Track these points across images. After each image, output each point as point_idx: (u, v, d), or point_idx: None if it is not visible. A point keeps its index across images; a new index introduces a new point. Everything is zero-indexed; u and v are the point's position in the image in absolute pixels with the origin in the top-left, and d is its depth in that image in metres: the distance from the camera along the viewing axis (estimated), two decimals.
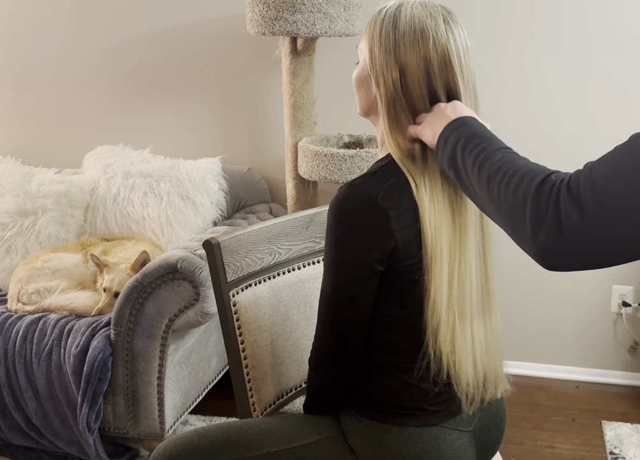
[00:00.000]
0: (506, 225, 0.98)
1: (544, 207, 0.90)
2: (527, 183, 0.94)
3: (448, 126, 1.12)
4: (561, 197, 0.89)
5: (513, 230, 0.96)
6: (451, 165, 1.10)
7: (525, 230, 0.92)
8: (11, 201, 2.60)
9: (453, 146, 1.09)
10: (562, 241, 0.89)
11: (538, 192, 0.92)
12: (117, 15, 2.88)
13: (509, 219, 0.96)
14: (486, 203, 1.02)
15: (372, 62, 1.21)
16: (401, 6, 1.21)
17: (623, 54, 2.53)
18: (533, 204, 0.91)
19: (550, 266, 0.92)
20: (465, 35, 1.22)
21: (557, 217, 0.88)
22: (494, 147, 1.04)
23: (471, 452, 1.30)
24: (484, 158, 1.03)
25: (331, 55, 2.69)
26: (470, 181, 1.05)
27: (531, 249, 0.93)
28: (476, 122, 1.13)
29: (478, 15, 2.58)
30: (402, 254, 1.18)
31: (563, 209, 0.88)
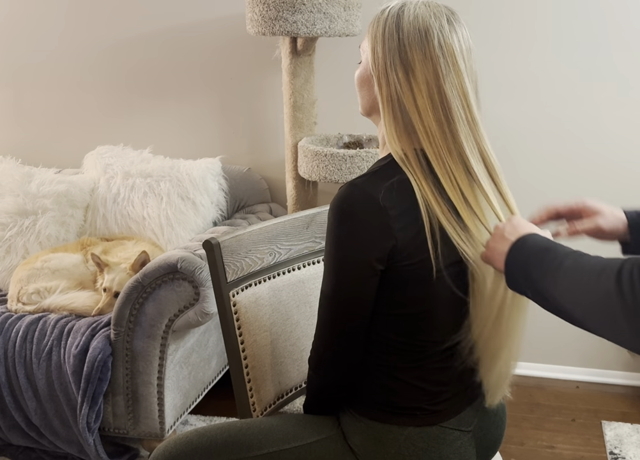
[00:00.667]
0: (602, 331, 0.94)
1: (630, 297, 0.87)
2: (606, 279, 0.91)
3: (512, 249, 1.10)
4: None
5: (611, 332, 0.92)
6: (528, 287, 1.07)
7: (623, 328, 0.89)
8: (11, 201, 2.60)
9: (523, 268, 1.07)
10: None
11: (618, 284, 0.89)
12: (116, 15, 2.88)
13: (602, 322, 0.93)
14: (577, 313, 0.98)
15: (375, 62, 1.21)
16: (404, 6, 1.21)
17: (629, 54, 2.53)
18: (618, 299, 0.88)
19: None
20: (469, 35, 1.22)
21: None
22: (562, 255, 1.02)
23: (471, 452, 1.30)
24: (555, 270, 1.00)
25: (331, 55, 2.69)
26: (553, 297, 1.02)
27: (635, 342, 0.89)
28: (536, 236, 1.10)
29: (483, 15, 2.58)
30: (402, 253, 1.18)
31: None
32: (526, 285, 1.08)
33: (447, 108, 1.18)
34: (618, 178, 2.62)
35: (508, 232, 1.14)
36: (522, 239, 1.11)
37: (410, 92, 1.19)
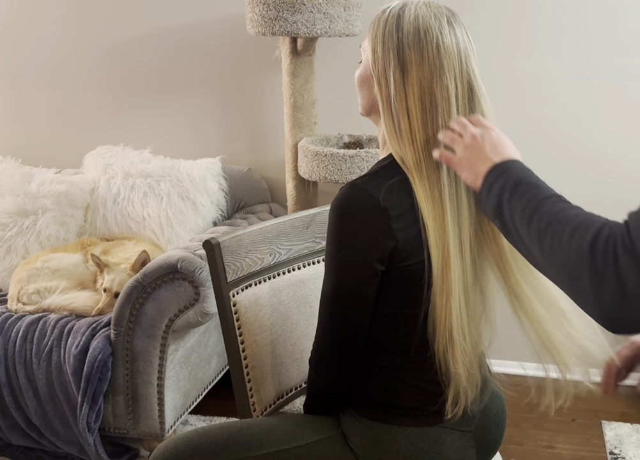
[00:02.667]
0: (562, 283, 0.92)
1: (602, 265, 0.84)
2: (580, 238, 0.87)
3: (491, 173, 1.07)
4: (619, 254, 0.83)
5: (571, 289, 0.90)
6: (497, 216, 1.05)
7: (584, 289, 0.87)
8: (11, 201, 2.60)
9: (498, 196, 1.04)
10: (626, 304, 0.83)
11: (592, 248, 0.86)
12: (117, 15, 2.88)
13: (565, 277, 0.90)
14: (538, 259, 0.96)
15: (375, 62, 1.21)
16: (405, 6, 1.20)
17: (628, 54, 2.53)
18: (590, 262, 0.85)
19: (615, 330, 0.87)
20: (469, 36, 1.22)
21: (618, 276, 0.82)
22: (542, 196, 0.98)
23: (471, 452, 1.30)
24: (532, 210, 0.97)
25: (331, 55, 2.69)
26: (519, 234, 0.99)
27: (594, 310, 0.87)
28: (520, 166, 1.07)
29: (483, 15, 2.58)
30: (402, 254, 1.18)
31: (622, 267, 0.82)
32: (498, 215, 1.05)
33: (434, 111, 1.17)
34: (618, 177, 2.62)
35: (489, 150, 1.11)
36: (504, 165, 1.07)
37: (404, 93, 1.18)
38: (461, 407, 1.25)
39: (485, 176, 1.08)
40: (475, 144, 1.12)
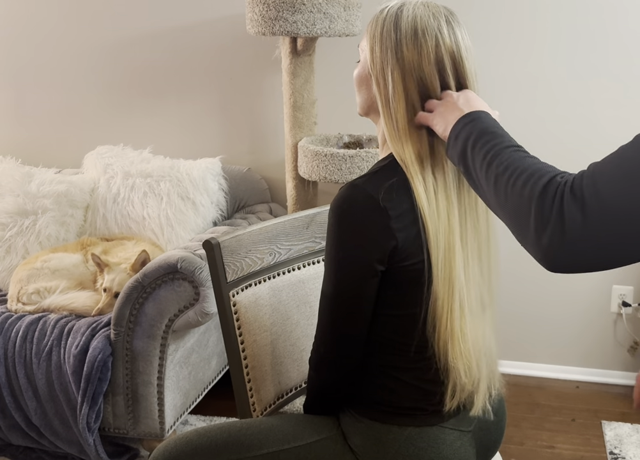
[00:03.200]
0: (511, 225, 0.98)
1: (548, 209, 0.89)
2: (533, 184, 0.93)
3: (460, 121, 1.11)
4: (565, 199, 0.88)
5: (518, 231, 0.96)
6: (461, 161, 1.09)
7: (530, 231, 0.92)
8: (11, 201, 2.60)
9: (463, 142, 1.08)
10: (565, 243, 0.88)
11: (542, 193, 0.91)
12: (117, 15, 2.88)
13: (514, 219, 0.96)
14: (493, 202, 1.02)
15: (373, 62, 1.21)
16: (403, 6, 1.20)
17: (627, 54, 2.53)
18: (538, 206, 0.91)
19: (553, 268, 0.92)
20: (467, 36, 1.22)
21: (561, 219, 0.88)
22: (504, 145, 1.03)
23: (471, 452, 1.30)
24: (493, 156, 1.02)
25: (331, 55, 2.69)
26: (478, 178, 1.04)
27: (534, 251, 0.92)
28: (488, 117, 1.11)
29: (480, 15, 2.58)
30: (402, 254, 1.18)
31: (566, 211, 0.87)
32: (461, 160, 1.09)
33: None
34: None
35: (461, 103, 1.15)
36: (474, 114, 1.11)
37: (402, 92, 1.18)
38: (456, 400, 1.24)
39: (454, 124, 1.12)
40: (450, 100, 1.17)
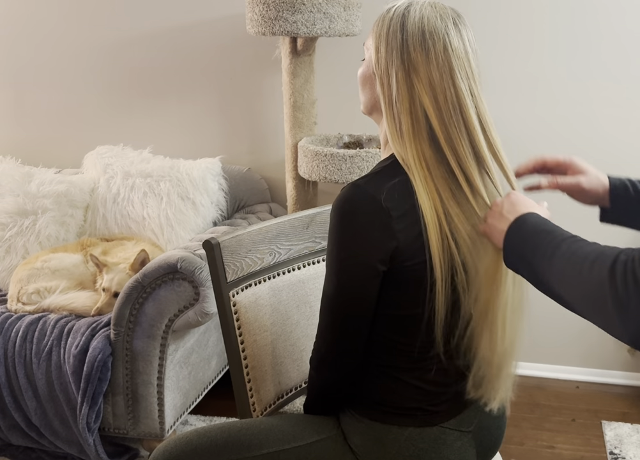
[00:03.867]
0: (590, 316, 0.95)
1: (622, 288, 0.87)
2: (600, 268, 0.91)
3: (510, 229, 1.11)
4: (637, 271, 0.86)
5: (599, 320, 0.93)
6: (521, 267, 1.09)
7: (612, 316, 0.89)
8: (11, 201, 2.60)
9: (520, 248, 1.08)
10: None
11: (612, 275, 0.89)
12: (117, 15, 2.88)
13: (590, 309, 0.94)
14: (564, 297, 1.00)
15: (378, 62, 1.21)
16: (410, 6, 1.20)
17: (626, 54, 2.53)
18: (611, 289, 0.89)
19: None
20: (474, 39, 1.22)
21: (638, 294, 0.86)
22: (559, 239, 1.03)
23: (471, 452, 1.30)
24: (552, 252, 1.01)
25: (331, 55, 2.69)
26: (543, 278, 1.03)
27: (625, 336, 0.90)
28: (536, 217, 1.11)
29: (482, 15, 2.58)
30: (404, 254, 1.18)
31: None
32: (522, 265, 1.09)
33: (458, 110, 1.17)
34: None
35: (506, 210, 1.14)
36: (521, 219, 1.11)
37: (406, 94, 1.18)
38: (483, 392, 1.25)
39: (505, 233, 1.12)
40: (496, 209, 1.17)
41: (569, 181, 1.26)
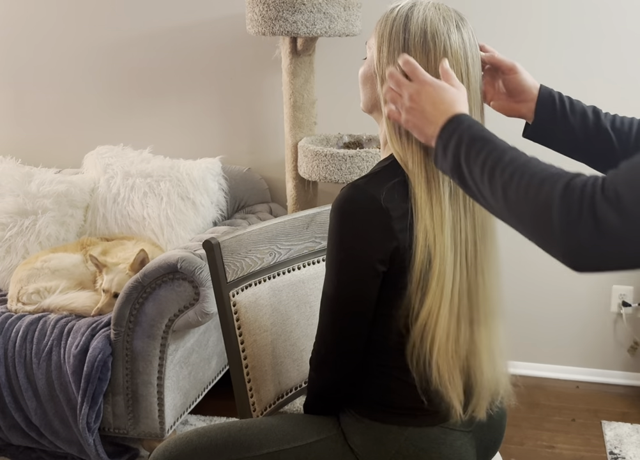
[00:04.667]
0: (527, 231, 0.95)
1: (576, 210, 0.87)
2: (550, 188, 0.91)
3: (441, 135, 1.08)
4: (597, 199, 0.86)
5: (538, 235, 0.93)
6: (455, 173, 1.06)
7: (554, 234, 0.90)
8: (11, 201, 2.60)
9: (454, 156, 1.05)
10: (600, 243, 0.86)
11: (565, 196, 0.89)
12: (117, 15, 2.88)
13: (532, 225, 0.94)
14: (502, 211, 0.99)
15: (379, 61, 1.21)
16: (414, 6, 1.19)
17: (623, 53, 2.53)
18: (562, 208, 0.89)
19: (583, 268, 0.90)
20: (476, 42, 1.21)
21: (594, 220, 0.86)
22: (500, 150, 1.00)
23: (471, 452, 1.30)
24: (493, 164, 0.99)
25: (331, 55, 2.69)
26: (480, 190, 1.01)
27: (561, 253, 0.90)
28: (467, 120, 1.08)
29: (479, 16, 2.58)
30: (404, 254, 1.18)
31: (600, 212, 0.86)
32: (454, 173, 1.06)
33: None
34: None
35: (430, 113, 1.10)
36: (452, 125, 1.07)
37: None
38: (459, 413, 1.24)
39: (436, 139, 1.09)
40: (415, 107, 1.12)
41: (506, 60, 1.23)
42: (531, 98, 1.24)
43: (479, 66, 1.22)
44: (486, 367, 1.25)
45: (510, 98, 1.26)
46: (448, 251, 1.17)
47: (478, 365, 1.24)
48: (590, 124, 1.21)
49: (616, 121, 1.22)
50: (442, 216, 1.17)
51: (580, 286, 2.73)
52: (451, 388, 1.21)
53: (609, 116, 1.23)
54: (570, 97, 1.24)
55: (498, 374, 1.27)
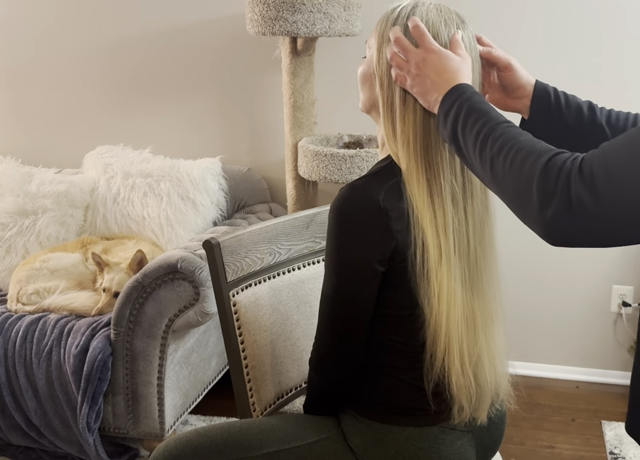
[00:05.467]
0: (511, 203, 0.99)
1: (552, 185, 0.91)
2: (532, 162, 0.94)
3: (442, 104, 1.10)
4: (572, 177, 0.90)
5: (519, 208, 0.97)
6: (452, 142, 1.09)
7: (532, 207, 0.93)
8: (11, 201, 2.60)
9: (452, 125, 1.08)
10: (571, 218, 0.90)
11: (545, 171, 0.92)
12: (116, 15, 2.88)
13: (514, 197, 0.97)
14: (489, 182, 1.03)
15: (379, 62, 1.20)
16: (415, 8, 1.19)
17: (625, 54, 2.53)
18: (541, 182, 0.92)
19: (554, 241, 0.94)
20: (477, 45, 1.21)
21: (568, 196, 0.89)
22: (493, 122, 1.03)
23: (471, 452, 1.30)
24: (485, 136, 1.02)
25: (331, 55, 2.69)
26: (472, 159, 1.05)
27: (536, 224, 0.94)
28: (466, 91, 1.10)
29: (481, 17, 2.58)
30: (402, 255, 1.18)
31: (573, 189, 0.89)
32: (452, 141, 1.09)
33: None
34: None
35: (434, 80, 1.12)
36: (452, 95, 1.09)
37: (406, 97, 1.17)
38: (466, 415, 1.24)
39: (441, 102, 1.11)
40: (420, 73, 1.14)
41: (503, 56, 1.24)
42: (526, 94, 1.25)
43: (479, 68, 1.22)
44: (487, 369, 1.25)
45: (505, 94, 1.27)
46: (451, 254, 1.17)
47: (480, 368, 1.24)
48: (585, 119, 1.22)
49: (612, 116, 1.23)
50: (445, 218, 1.17)
51: (580, 286, 2.73)
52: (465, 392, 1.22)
53: (605, 111, 1.24)
54: (566, 92, 1.26)
55: (498, 376, 1.28)
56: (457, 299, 1.19)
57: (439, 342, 1.19)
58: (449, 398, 1.23)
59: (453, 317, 1.18)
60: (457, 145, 1.08)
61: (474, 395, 1.23)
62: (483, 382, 1.24)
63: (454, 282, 1.18)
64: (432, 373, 1.21)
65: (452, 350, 1.20)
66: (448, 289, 1.18)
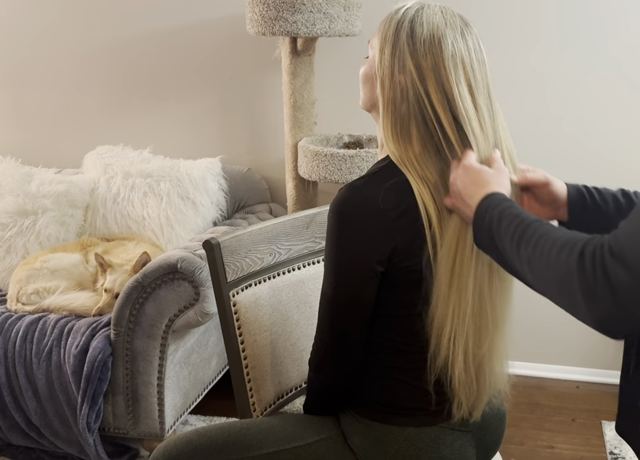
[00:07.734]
0: (558, 301, 0.97)
1: (591, 276, 0.88)
2: (567, 255, 0.92)
3: (476, 215, 1.11)
4: (606, 260, 0.87)
5: (568, 305, 0.94)
6: (494, 253, 1.10)
7: (579, 303, 0.91)
8: (11, 201, 2.60)
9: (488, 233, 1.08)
10: (619, 306, 0.87)
11: (580, 263, 0.90)
12: (116, 15, 2.88)
13: (558, 295, 0.95)
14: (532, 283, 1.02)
15: (381, 64, 1.20)
16: (420, 10, 1.19)
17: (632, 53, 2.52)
18: (579, 276, 0.90)
19: (613, 334, 0.91)
20: (482, 48, 1.21)
21: (608, 283, 0.87)
22: (525, 224, 1.03)
23: (471, 452, 1.30)
24: (519, 239, 1.02)
25: (331, 55, 2.69)
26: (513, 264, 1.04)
27: (592, 322, 0.91)
28: (496, 200, 1.10)
29: (484, 15, 2.58)
30: (402, 255, 1.18)
31: (611, 273, 0.87)
32: (491, 248, 1.10)
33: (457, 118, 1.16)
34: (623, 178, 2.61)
35: (465, 195, 1.13)
36: (483, 206, 1.11)
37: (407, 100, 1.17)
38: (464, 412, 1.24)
39: (472, 221, 1.13)
40: (455, 190, 1.16)
41: (537, 175, 1.26)
42: (562, 203, 1.26)
43: (485, 71, 1.20)
44: (488, 367, 1.25)
45: (543, 207, 1.27)
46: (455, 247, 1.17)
47: (482, 366, 1.24)
48: (624, 207, 1.23)
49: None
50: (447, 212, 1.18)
51: None
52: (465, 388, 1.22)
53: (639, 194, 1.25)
54: (597, 187, 1.26)
55: (497, 376, 1.28)
56: (468, 294, 1.19)
57: (444, 335, 1.19)
58: (450, 393, 1.23)
59: (462, 310, 1.18)
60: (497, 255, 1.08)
61: (474, 391, 1.23)
62: (483, 379, 1.25)
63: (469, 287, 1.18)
64: (435, 366, 1.21)
65: (457, 345, 1.20)
66: (460, 284, 1.18)
